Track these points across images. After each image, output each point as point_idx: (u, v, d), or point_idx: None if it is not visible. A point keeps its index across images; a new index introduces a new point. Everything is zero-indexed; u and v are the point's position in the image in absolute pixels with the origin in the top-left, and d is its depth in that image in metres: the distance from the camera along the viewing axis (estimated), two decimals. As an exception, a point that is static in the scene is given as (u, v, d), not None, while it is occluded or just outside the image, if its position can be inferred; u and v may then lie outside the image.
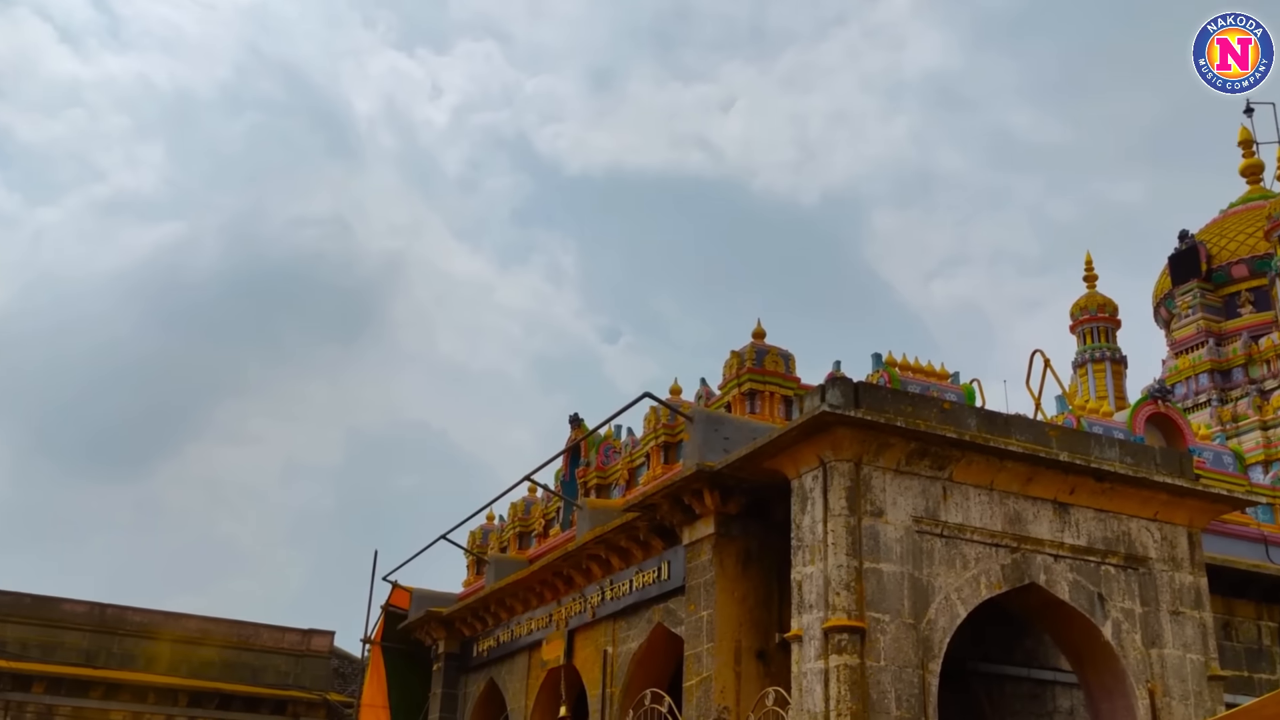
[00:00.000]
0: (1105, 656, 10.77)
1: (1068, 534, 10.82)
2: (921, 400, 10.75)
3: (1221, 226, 28.65)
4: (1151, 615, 10.92)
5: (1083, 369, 29.29)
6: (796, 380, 14.63)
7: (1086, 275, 30.51)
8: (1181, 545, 11.39)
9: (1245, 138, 29.72)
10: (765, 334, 14.98)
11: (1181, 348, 27.74)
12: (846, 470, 10.02)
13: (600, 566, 14.05)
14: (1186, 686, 10.78)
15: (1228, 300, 27.91)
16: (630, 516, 13.01)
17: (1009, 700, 12.75)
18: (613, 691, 13.49)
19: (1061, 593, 10.65)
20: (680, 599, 12.30)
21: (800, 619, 10.02)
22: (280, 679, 24.35)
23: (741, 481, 11.44)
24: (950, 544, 10.31)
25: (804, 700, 9.71)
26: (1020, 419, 11.44)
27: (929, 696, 9.72)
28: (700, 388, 15.54)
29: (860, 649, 9.51)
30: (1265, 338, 26.23)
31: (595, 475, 17.40)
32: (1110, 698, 10.80)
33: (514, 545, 19.32)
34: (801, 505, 10.34)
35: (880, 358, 14.96)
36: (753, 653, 11.47)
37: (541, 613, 15.61)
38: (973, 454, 10.41)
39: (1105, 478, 10.94)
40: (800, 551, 10.23)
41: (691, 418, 12.49)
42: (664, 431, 15.47)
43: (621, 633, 13.68)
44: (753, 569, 11.76)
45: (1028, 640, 12.83)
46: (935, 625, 9.99)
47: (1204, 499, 11.57)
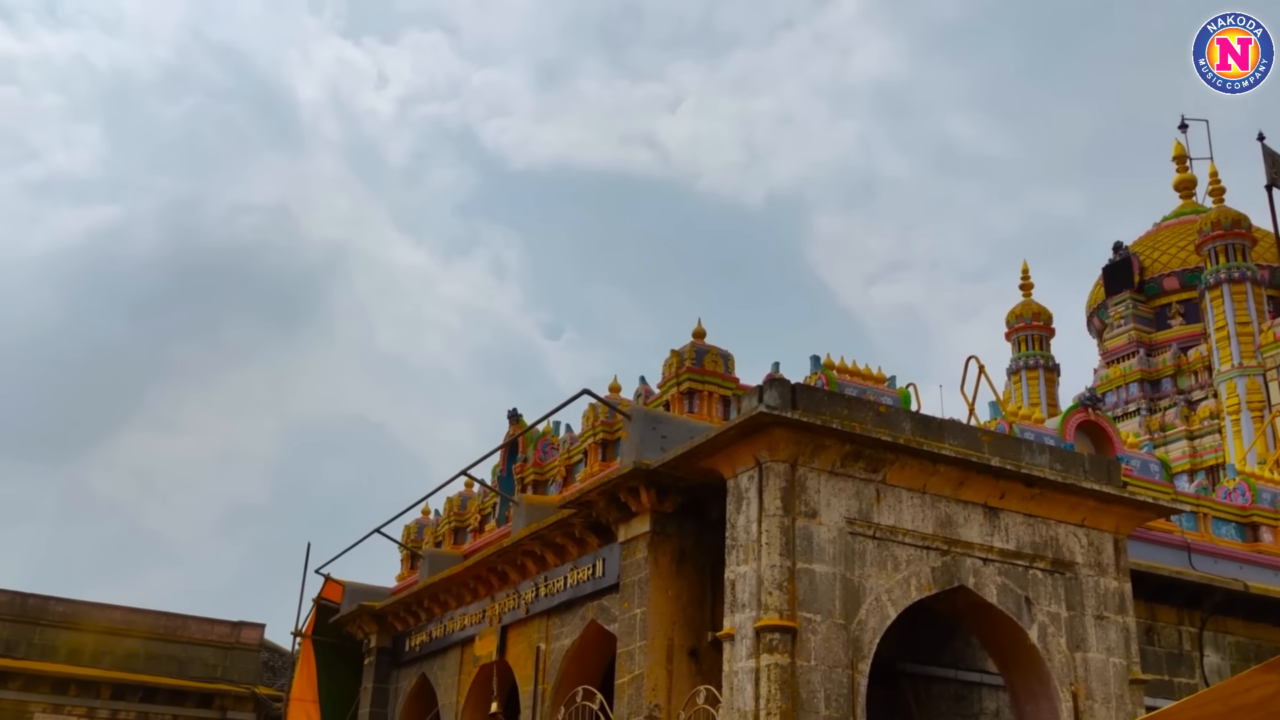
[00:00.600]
0: (1031, 659, 10.94)
1: (997, 538, 10.98)
2: (858, 403, 10.85)
3: (1155, 239, 29.26)
4: (1076, 619, 11.12)
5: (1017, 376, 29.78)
6: (735, 380, 14.70)
7: (1023, 284, 31.02)
8: (1107, 551, 11.60)
9: (1180, 153, 30.37)
10: (705, 334, 15.04)
11: (1113, 357, 28.29)
12: (782, 471, 10.08)
13: (535, 563, 14.02)
14: (1108, 689, 10.98)
15: (1159, 312, 28.52)
16: (566, 513, 12.99)
17: (936, 701, 12.91)
18: (545, 688, 13.47)
19: (990, 595, 10.80)
20: (614, 596, 12.30)
21: (733, 618, 10.08)
22: (208, 672, 24.02)
23: (678, 480, 11.47)
24: (882, 546, 10.42)
25: (734, 699, 9.76)
26: (954, 424, 11.58)
27: (858, 696, 9.82)
28: (639, 386, 15.56)
29: (791, 648, 9.58)
30: (1194, 349, 26.83)
31: (532, 471, 17.36)
32: (1034, 700, 10.97)
33: (449, 540, 19.22)
34: (737, 505, 10.40)
35: (819, 360, 15.08)
36: (685, 651, 11.51)
37: (475, 608, 15.54)
38: (906, 457, 10.53)
39: (1035, 483, 11.11)
40: (734, 551, 10.28)
41: (630, 415, 12.50)
42: (602, 429, 15.48)
43: (555, 629, 13.66)
44: (687, 567, 11.80)
45: (956, 642, 13.00)
46: (866, 626, 10.09)
47: (1130, 506, 11.78)
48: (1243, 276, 25.47)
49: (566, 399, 13.62)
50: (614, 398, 15.44)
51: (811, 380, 14.47)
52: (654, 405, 14.70)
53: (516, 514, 14.87)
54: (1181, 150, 30.34)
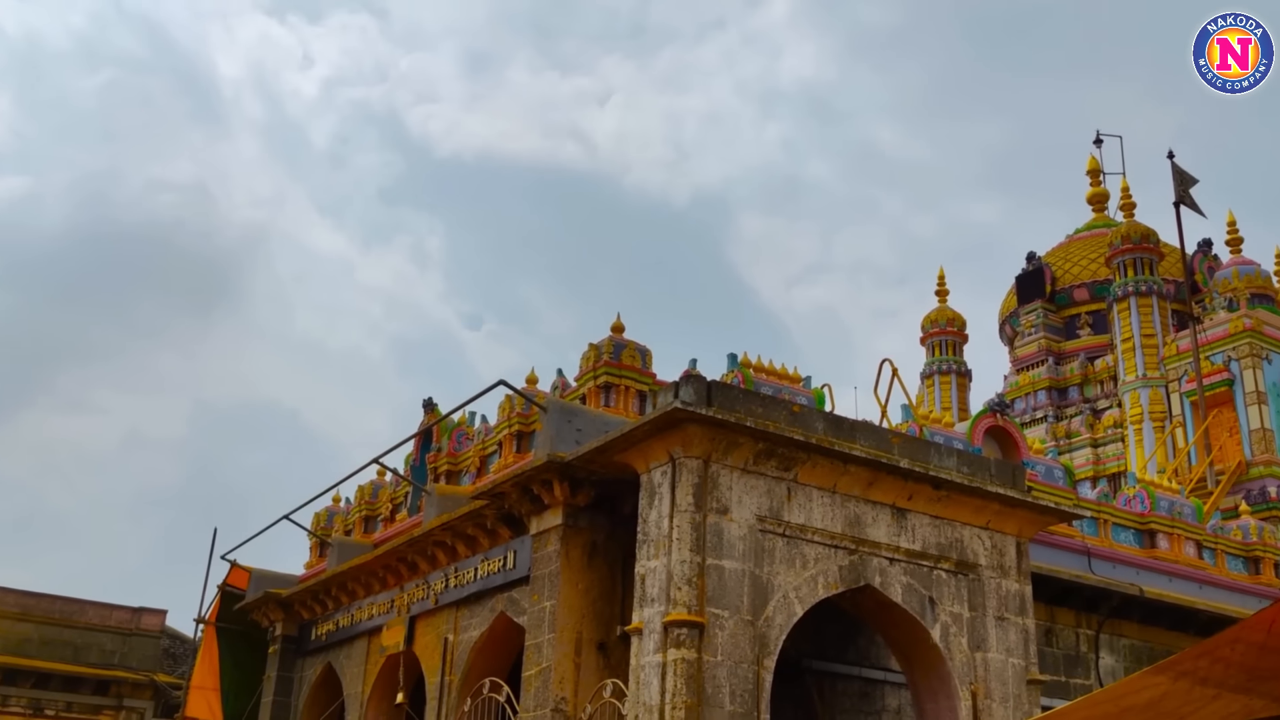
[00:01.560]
0: (933, 658, 11.13)
1: (904, 538, 11.15)
2: (772, 402, 10.93)
3: (1067, 250, 29.92)
4: (978, 620, 11.33)
5: (930, 380, 30.27)
6: (652, 376, 14.72)
7: (938, 290, 31.53)
8: (1010, 554, 11.84)
9: (1093, 167, 31.09)
10: (624, 328, 15.03)
11: (1023, 364, 28.89)
12: (695, 467, 10.13)
13: (446, 553, 13.92)
14: (1007, 689, 11.22)
15: (1068, 321, 29.18)
16: (478, 504, 12.92)
17: (840, 698, 13.08)
18: (451, 679, 13.39)
19: (895, 595, 10.96)
20: (524, 589, 12.27)
21: (642, 612, 10.10)
22: (105, 658, 23.46)
23: (592, 474, 11.47)
24: (792, 544, 10.52)
25: (641, 692, 9.79)
26: (865, 425, 11.73)
27: (762, 692, 9.91)
28: (556, 379, 15.51)
29: (698, 644, 9.64)
30: (1101, 359, 27.51)
31: (446, 461, 17.23)
32: (935, 698, 11.17)
33: (359, 529, 19.00)
34: (649, 500, 10.42)
35: (736, 358, 15.16)
36: (593, 644, 11.52)
37: (384, 598, 15.39)
38: (818, 457, 10.64)
39: (942, 485, 11.30)
40: (645, 545, 10.31)
41: (545, 408, 12.47)
42: (518, 420, 15.40)
43: (464, 620, 13.58)
44: (598, 561, 11.81)
45: (861, 640, 13.18)
46: (773, 622, 10.18)
47: (1033, 510, 12.04)
48: (1149, 290, 26.14)
49: (482, 389, 13.55)
50: (530, 390, 15.38)
51: (728, 378, 14.55)
52: (570, 398, 14.67)
53: (428, 504, 14.76)
54: (1095, 165, 31.06)
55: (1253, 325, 23.59)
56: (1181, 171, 24.81)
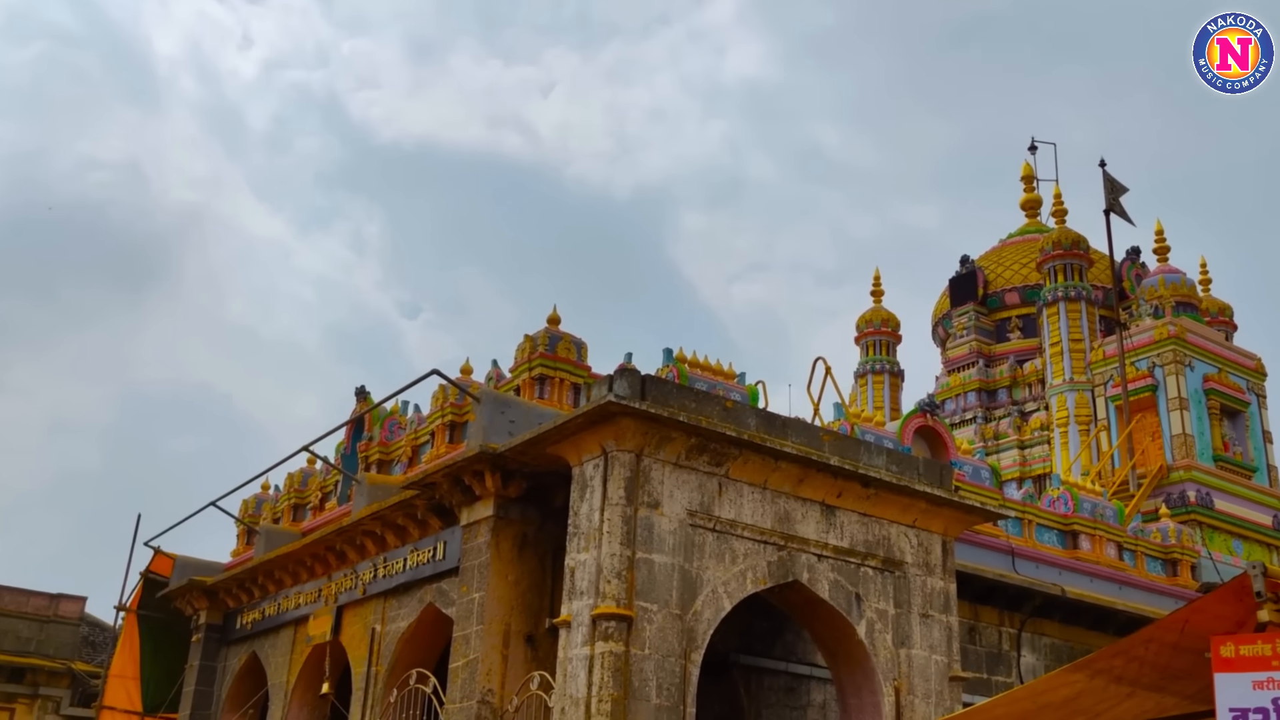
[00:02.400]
0: (858, 654, 11.25)
1: (832, 535, 11.26)
2: (706, 397, 10.98)
3: (1000, 255, 30.37)
4: (903, 617, 11.48)
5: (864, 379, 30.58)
6: (587, 369, 14.74)
7: (874, 290, 31.86)
8: (936, 552, 12.00)
9: (1027, 173, 31.59)
10: (560, 320, 15.03)
11: (954, 366, 29.29)
12: (627, 461, 10.15)
13: (375, 543, 13.81)
14: (929, 685, 11.38)
15: (999, 325, 29.62)
16: (409, 494, 12.84)
17: (766, 692, 13.19)
18: (378, 670, 13.29)
19: (822, 591, 11.07)
20: (453, 580, 12.21)
21: (570, 605, 10.10)
22: (20, 645, 22.94)
23: (524, 465, 11.44)
24: (721, 538, 10.58)
25: (568, 685, 9.79)
26: (797, 422, 11.82)
27: (689, 685, 9.95)
28: (491, 369, 15.47)
29: (626, 637, 9.66)
30: (1029, 363, 27.96)
31: (378, 450, 17.11)
32: (859, 694, 11.30)
33: (288, 517, 18.80)
34: (581, 492, 10.42)
35: (671, 353, 15.22)
36: (522, 636, 11.50)
37: (311, 587, 15.23)
38: (750, 453, 10.70)
39: (871, 483, 11.42)
40: (576, 538, 10.30)
41: (479, 398, 12.41)
42: (451, 410, 15.33)
43: (391, 611, 13.48)
44: (528, 553, 11.78)
45: (788, 635, 13.30)
46: (701, 617, 10.23)
47: (959, 510, 12.21)
48: (1078, 296, 26.63)
49: (416, 378, 13.46)
50: (465, 380, 15.32)
51: (663, 372, 14.60)
52: (505, 389, 14.63)
53: (358, 493, 14.63)
54: (1029, 171, 31.56)
55: (1177, 332, 24.13)
56: (1112, 180, 25.29)
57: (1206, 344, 24.70)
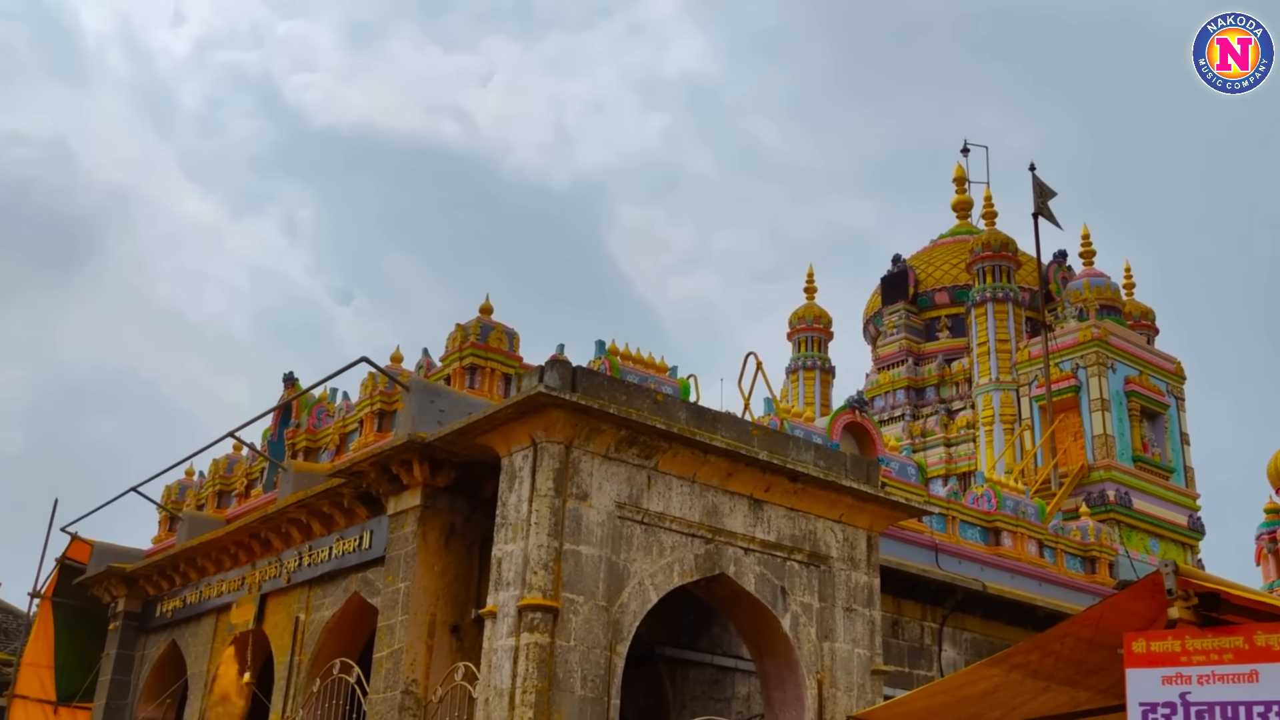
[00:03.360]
0: (782, 647, 11.34)
1: (759, 529, 11.33)
2: (636, 390, 10.98)
3: (931, 255, 30.76)
4: (827, 610, 11.59)
5: (795, 375, 30.82)
6: (519, 359, 14.69)
7: (807, 287, 32.11)
8: (861, 547, 12.14)
9: (960, 175, 32.00)
10: (493, 310, 14.96)
11: (884, 364, 29.62)
12: (557, 452, 10.13)
13: (300, 531, 13.65)
14: (851, 678, 11.50)
15: (929, 324, 30.01)
16: (336, 482, 12.70)
17: (691, 685, 13.26)
18: (301, 659, 13.14)
19: (748, 584, 11.14)
20: (379, 569, 12.11)
21: (497, 596, 10.07)
22: (-69, 631, 22.40)
23: (453, 455, 11.37)
24: (650, 531, 10.60)
25: (492, 676, 9.76)
26: (728, 416, 11.87)
27: (614, 677, 9.97)
28: (422, 358, 15.35)
29: (552, 628, 9.65)
30: (957, 362, 28.36)
31: (305, 438, 16.91)
32: (783, 686, 11.39)
33: (212, 503, 18.52)
34: (509, 483, 10.38)
35: (604, 345, 15.22)
36: (447, 627, 11.43)
37: (234, 575, 15.01)
38: (679, 446, 10.73)
39: (799, 478, 11.51)
40: (504, 529, 10.27)
41: (408, 387, 12.30)
42: (380, 399, 15.20)
43: (316, 600, 13.34)
44: (455, 544, 11.72)
45: (714, 628, 13.37)
46: (627, 609, 10.25)
47: (885, 505, 12.34)
48: (1006, 297, 27.05)
49: (344, 365, 13.32)
50: (394, 368, 15.18)
51: (595, 365, 14.60)
52: (435, 378, 14.53)
53: (284, 480, 14.45)
54: (962, 173, 31.98)
55: (1100, 335, 24.61)
56: (1041, 184, 25.72)
57: (1129, 347, 25.23)
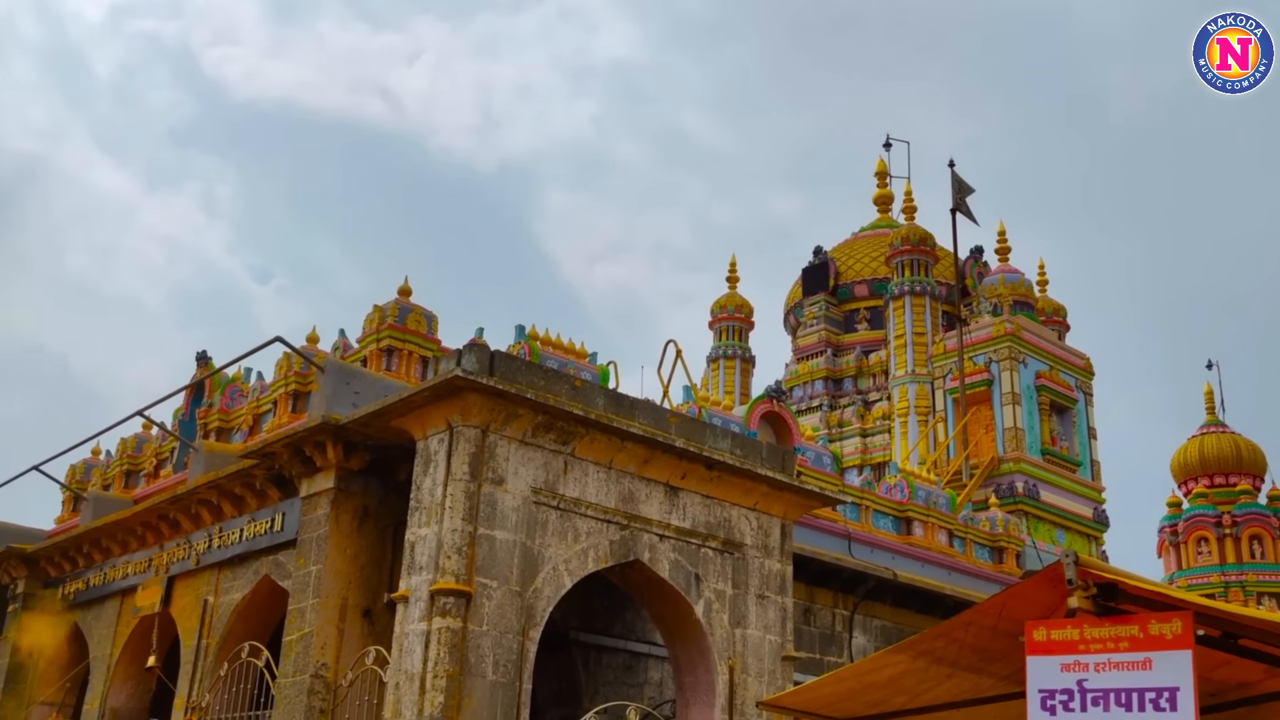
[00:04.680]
0: (695, 633, 11.42)
1: (675, 516, 11.39)
2: (555, 375, 10.96)
3: (851, 247, 31.09)
4: (740, 597, 11.70)
5: (716, 364, 30.98)
6: (437, 342, 14.58)
7: (729, 276, 32.27)
8: (775, 535, 12.26)
9: (881, 170, 32.36)
10: (412, 292, 14.83)
11: (804, 354, 29.90)
12: (473, 436, 10.07)
13: (211, 513, 13.42)
14: (762, 665, 11.63)
15: (848, 315, 30.35)
16: (248, 464, 12.50)
17: (605, 670, 13.30)
18: (209, 642, 12.93)
19: (662, 571, 11.19)
20: (291, 552, 11.95)
21: (409, 580, 10.00)
22: None
23: (368, 438, 11.26)
24: (565, 517, 10.60)
25: (403, 660, 9.69)
26: (646, 403, 11.91)
27: (526, 662, 9.96)
28: (338, 339, 15.16)
29: (464, 613, 9.61)
30: (875, 354, 28.74)
31: (217, 418, 16.62)
32: (695, 671, 11.47)
33: (119, 484, 18.12)
34: (424, 467, 10.31)
35: (524, 330, 15.17)
36: (359, 611, 11.33)
37: (141, 557, 14.71)
38: (596, 432, 10.74)
39: (715, 466, 11.59)
40: (418, 513, 10.19)
41: (323, 368, 12.15)
42: (295, 379, 14.99)
43: (226, 583, 13.13)
44: (369, 527, 11.61)
45: (628, 614, 13.42)
46: (541, 594, 10.24)
47: (799, 494, 12.48)
48: (923, 291, 27.46)
49: (259, 345, 13.11)
50: (310, 349, 14.98)
51: (514, 349, 14.54)
52: (351, 360, 14.37)
53: (195, 461, 14.18)
54: (883, 167, 32.34)
55: (1013, 330, 25.11)
56: (960, 180, 26.12)
57: (1040, 342, 25.77)
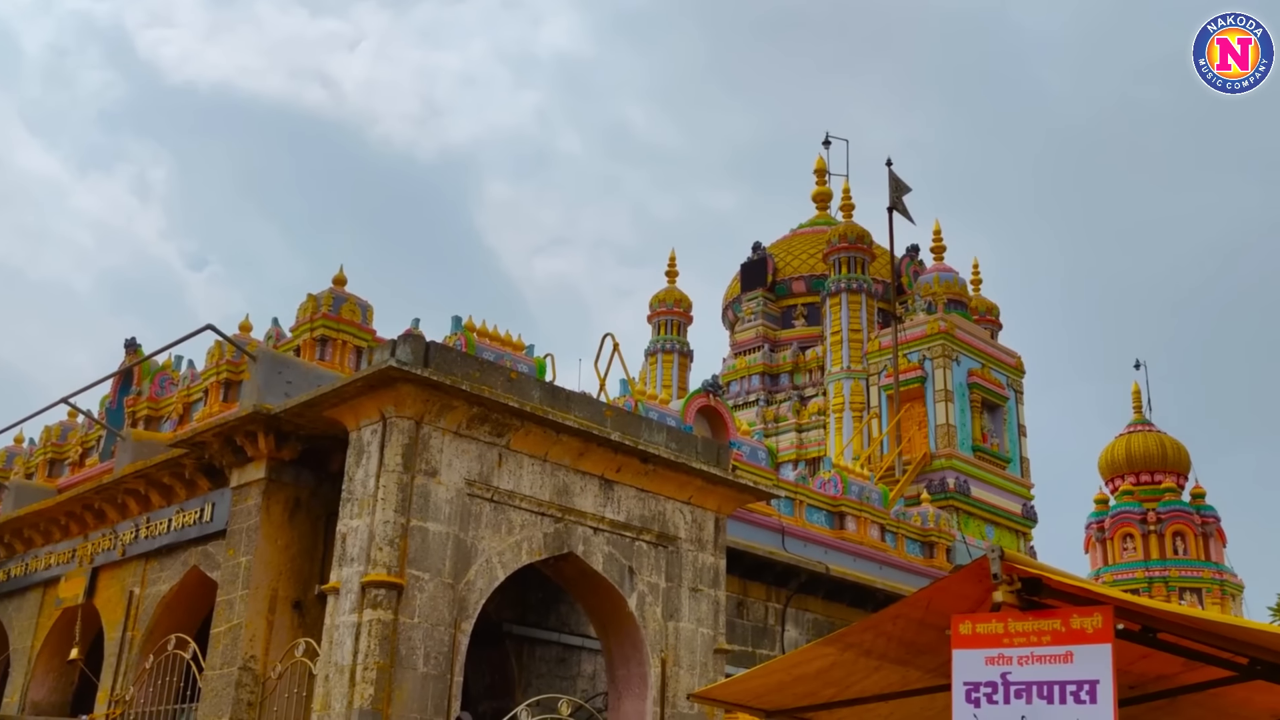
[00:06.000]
0: (628, 626, 11.44)
1: (609, 509, 11.40)
2: (490, 367, 10.92)
3: (790, 244, 31.28)
4: (673, 591, 11.74)
5: (654, 358, 31.05)
6: (372, 332, 14.45)
7: (669, 271, 32.35)
8: (709, 528, 12.32)
9: (820, 167, 32.59)
10: (347, 281, 14.68)
11: (741, 349, 30.05)
12: (406, 428, 10.01)
13: (138, 503, 13.19)
14: (695, 657, 11.68)
15: (786, 311, 30.54)
16: (177, 453, 12.31)
17: (538, 663, 13.28)
18: (134, 635, 12.71)
19: (596, 564, 11.20)
20: (220, 543, 11.79)
21: (340, 571, 9.92)
22: None
23: (300, 428, 11.13)
24: (499, 509, 10.57)
25: (333, 652, 9.61)
26: (582, 396, 11.89)
27: (457, 654, 9.92)
28: (271, 328, 14.97)
29: (396, 605, 9.55)
30: (811, 350, 28.96)
31: (147, 406, 16.34)
32: (627, 664, 11.50)
33: (42, 472, 17.76)
34: (357, 458, 10.22)
35: (460, 321, 15.08)
36: (289, 603, 11.21)
37: (64, 547, 14.43)
38: (531, 424, 10.71)
39: (650, 460, 11.61)
40: (350, 504, 10.11)
41: (256, 357, 11.99)
42: (227, 368, 14.78)
43: (152, 574, 12.91)
44: (301, 518, 11.49)
45: (562, 606, 13.42)
46: (473, 586, 10.20)
47: (734, 488, 12.55)
48: (860, 288, 27.71)
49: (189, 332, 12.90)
50: (243, 337, 14.77)
51: (450, 340, 14.45)
52: (285, 349, 14.20)
53: (122, 449, 13.94)
54: (823, 165, 32.58)
55: (947, 328, 25.43)
56: (897, 179, 26.39)
57: (973, 341, 26.12)
